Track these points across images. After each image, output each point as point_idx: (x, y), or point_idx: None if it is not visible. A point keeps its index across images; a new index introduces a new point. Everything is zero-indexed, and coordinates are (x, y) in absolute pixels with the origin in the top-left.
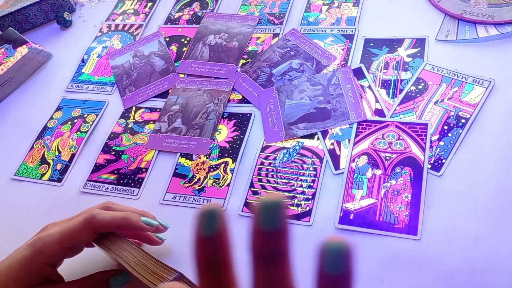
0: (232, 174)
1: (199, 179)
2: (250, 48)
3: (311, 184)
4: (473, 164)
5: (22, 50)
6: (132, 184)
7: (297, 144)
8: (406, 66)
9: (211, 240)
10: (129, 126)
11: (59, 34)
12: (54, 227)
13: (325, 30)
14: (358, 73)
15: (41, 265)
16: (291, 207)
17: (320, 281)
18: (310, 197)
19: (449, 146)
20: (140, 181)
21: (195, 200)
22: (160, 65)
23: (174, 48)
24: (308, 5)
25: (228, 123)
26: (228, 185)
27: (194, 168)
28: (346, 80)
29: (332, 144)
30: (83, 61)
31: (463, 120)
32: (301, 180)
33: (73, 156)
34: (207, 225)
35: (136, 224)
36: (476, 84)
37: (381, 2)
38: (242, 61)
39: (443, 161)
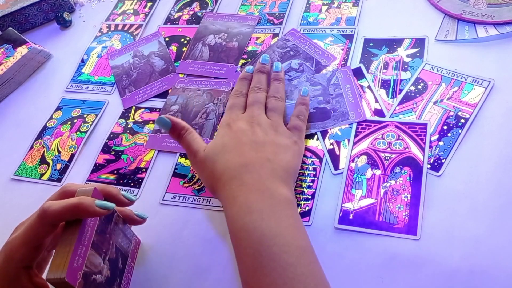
0: None
1: (198, 179)
2: (249, 48)
3: (311, 184)
4: (473, 164)
5: (22, 50)
6: (132, 184)
7: None
8: (406, 66)
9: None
10: (129, 126)
11: (59, 34)
12: (21, 228)
13: (324, 30)
14: (358, 73)
15: (16, 270)
16: None
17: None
18: (310, 197)
19: (448, 146)
20: (140, 181)
21: (194, 200)
22: (160, 65)
23: (173, 48)
24: (307, 5)
25: None
26: None
27: None
28: (346, 80)
29: (331, 144)
30: (83, 61)
31: (462, 120)
32: (300, 180)
33: (72, 156)
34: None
35: (90, 210)
36: (475, 84)
37: (380, 2)
38: (242, 61)
39: (443, 161)
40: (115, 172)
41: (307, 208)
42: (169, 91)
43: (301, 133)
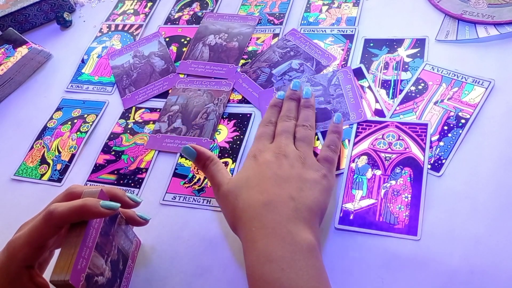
0: (232, 174)
1: (199, 179)
2: (250, 48)
3: None
4: (473, 164)
5: (22, 51)
6: (132, 184)
7: None
8: (406, 66)
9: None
10: (129, 126)
11: (59, 34)
12: (25, 227)
13: (325, 30)
14: (358, 74)
15: (18, 269)
16: None
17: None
18: None
19: (449, 147)
20: (140, 181)
21: (195, 200)
22: (160, 65)
23: (174, 48)
24: (308, 5)
25: (228, 123)
26: None
27: (194, 168)
28: (346, 80)
29: None
30: (83, 61)
31: (463, 121)
32: None
33: (73, 156)
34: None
35: (95, 210)
36: (476, 84)
37: (381, 2)
38: (242, 61)
39: (443, 161)
40: (116, 172)
41: None
42: (170, 91)
43: (331, 166)
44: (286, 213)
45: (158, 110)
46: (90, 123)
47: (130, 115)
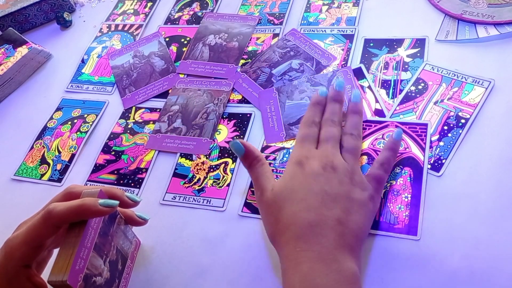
0: (232, 174)
1: (199, 179)
2: (250, 48)
3: None
4: (473, 164)
5: (22, 50)
6: (132, 184)
7: None
8: (406, 66)
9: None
10: (129, 126)
11: (59, 34)
12: (23, 226)
13: (325, 30)
14: (358, 73)
15: (16, 269)
16: None
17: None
18: None
19: (449, 147)
20: (140, 181)
21: (195, 200)
22: (160, 65)
23: (174, 48)
24: (308, 5)
25: (228, 123)
26: (228, 185)
27: (194, 168)
28: (346, 80)
29: None
30: (83, 61)
31: (463, 121)
32: None
33: (73, 156)
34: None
35: (94, 209)
36: (476, 84)
37: (381, 2)
38: (242, 61)
39: (443, 161)
40: (116, 172)
41: None
42: (169, 91)
43: (380, 187)
44: (333, 238)
45: (158, 110)
46: (90, 123)
47: (130, 115)
